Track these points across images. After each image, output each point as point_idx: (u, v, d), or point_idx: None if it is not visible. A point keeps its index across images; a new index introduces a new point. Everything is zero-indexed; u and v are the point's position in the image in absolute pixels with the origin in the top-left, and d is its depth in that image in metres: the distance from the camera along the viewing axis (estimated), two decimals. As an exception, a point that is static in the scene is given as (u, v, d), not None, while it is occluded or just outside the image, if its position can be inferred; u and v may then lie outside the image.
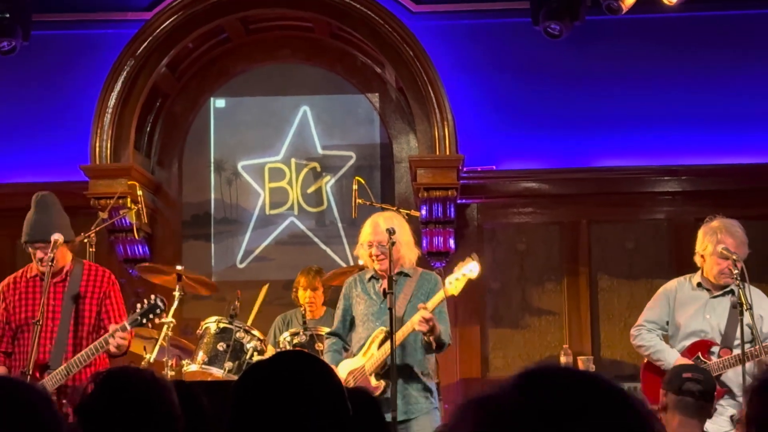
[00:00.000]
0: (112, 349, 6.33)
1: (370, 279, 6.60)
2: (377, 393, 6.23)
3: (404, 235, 6.57)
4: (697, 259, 6.74)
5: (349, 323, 6.68)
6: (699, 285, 6.72)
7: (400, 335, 6.22)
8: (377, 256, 6.42)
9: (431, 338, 6.27)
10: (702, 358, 6.48)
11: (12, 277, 6.78)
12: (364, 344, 6.46)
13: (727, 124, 9.36)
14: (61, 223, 6.64)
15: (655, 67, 9.45)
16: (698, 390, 5.07)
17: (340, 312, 6.68)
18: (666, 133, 9.40)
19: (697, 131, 9.39)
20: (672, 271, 9.07)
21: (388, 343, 6.21)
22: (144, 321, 6.45)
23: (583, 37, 9.12)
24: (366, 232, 6.53)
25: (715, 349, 6.53)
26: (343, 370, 6.44)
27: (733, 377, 6.42)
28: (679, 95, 9.42)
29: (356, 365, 6.44)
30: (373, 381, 6.34)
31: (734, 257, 6.40)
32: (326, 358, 6.57)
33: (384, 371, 6.32)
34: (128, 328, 6.38)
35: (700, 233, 6.71)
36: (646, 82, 9.45)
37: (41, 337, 6.42)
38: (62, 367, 6.35)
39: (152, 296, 6.51)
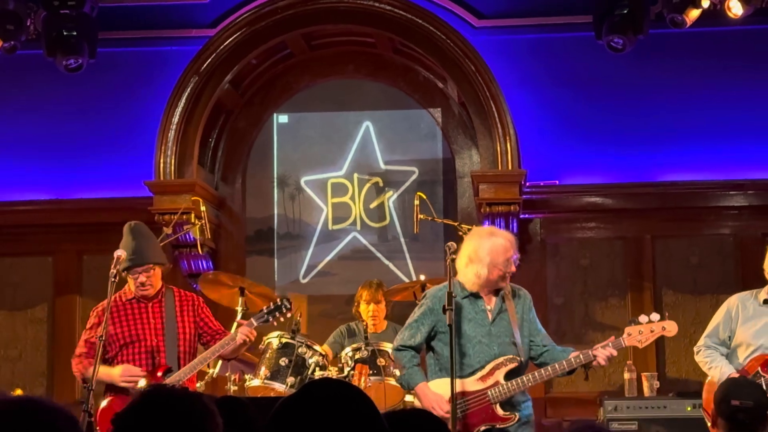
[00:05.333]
0: (239, 341, 6.74)
1: (466, 296, 6.19)
2: (508, 424, 6.06)
3: None
4: (765, 275, 6.68)
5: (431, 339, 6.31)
6: (765, 302, 6.65)
7: (549, 372, 6.13)
8: (511, 272, 6.17)
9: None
10: (761, 373, 6.41)
11: (107, 300, 6.92)
12: (479, 368, 6.12)
13: (795, 137, 9.27)
14: (158, 249, 7.08)
15: (720, 81, 9.36)
16: (746, 418, 5.01)
17: (425, 327, 6.22)
18: (731, 146, 9.31)
19: (763, 145, 9.28)
20: (738, 286, 8.94)
21: (521, 376, 6.09)
22: (270, 319, 6.92)
23: (646, 50, 9.04)
24: (505, 247, 6.12)
25: None
26: (443, 389, 6.09)
27: None
28: (744, 108, 9.32)
29: (470, 388, 6.09)
30: (501, 411, 6.07)
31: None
32: (411, 374, 6.22)
33: (508, 401, 6.11)
34: (255, 323, 6.82)
35: None
36: (711, 95, 9.36)
37: (150, 351, 6.81)
38: (186, 367, 6.74)
39: (279, 297, 7.10)
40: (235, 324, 6.97)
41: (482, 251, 6.13)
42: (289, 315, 6.99)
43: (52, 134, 9.71)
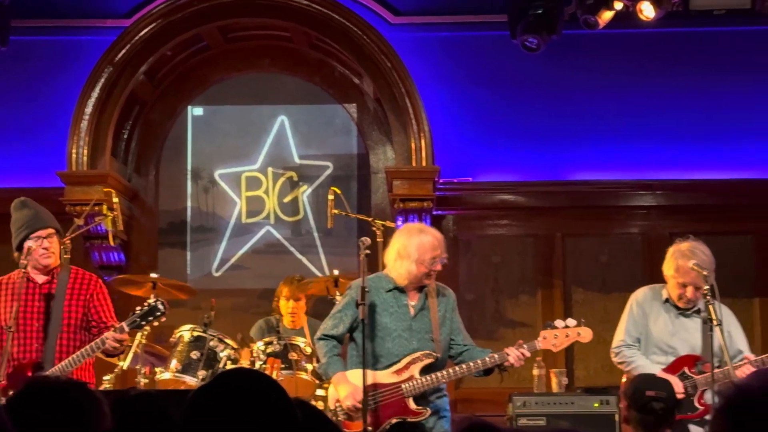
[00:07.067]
0: (109, 348, 6.26)
1: (391, 290, 6.24)
2: (419, 418, 6.07)
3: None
4: (664, 276, 6.76)
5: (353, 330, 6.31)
6: (667, 301, 6.73)
7: (463, 369, 6.14)
8: (436, 271, 6.20)
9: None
10: (688, 373, 6.49)
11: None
12: (396, 361, 6.13)
13: (703, 139, 9.42)
14: (54, 218, 6.65)
15: (632, 82, 9.51)
16: (661, 408, 5.10)
17: (347, 318, 6.21)
18: (641, 147, 9.45)
19: (672, 146, 9.44)
20: (645, 285, 9.11)
21: (436, 372, 6.11)
22: (143, 323, 6.34)
23: (560, 51, 9.15)
24: (432, 245, 6.16)
25: (699, 364, 6.53)
26: (360, 380, 6.06)
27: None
28: (655, 110, 9.47)
29: (384, 380, 6.11)
30: (413, 405, 6.10)
31: (705, 273, 6.41)
32: (330, 363, 6.21)
33: (421, 396, 6.13)
34: (126, 329, 6.29)
35: (668, 253, 6.72)
36: (623, 96, 9.50)
37: (29, 337, 6.38)
38: (56, 366, 6.28)
39: (152, 298, 6.43)
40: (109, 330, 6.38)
41: (411, 247, 6.19)
42: (164, 319, 6.40)
43: (-39, 122, 9.56)
